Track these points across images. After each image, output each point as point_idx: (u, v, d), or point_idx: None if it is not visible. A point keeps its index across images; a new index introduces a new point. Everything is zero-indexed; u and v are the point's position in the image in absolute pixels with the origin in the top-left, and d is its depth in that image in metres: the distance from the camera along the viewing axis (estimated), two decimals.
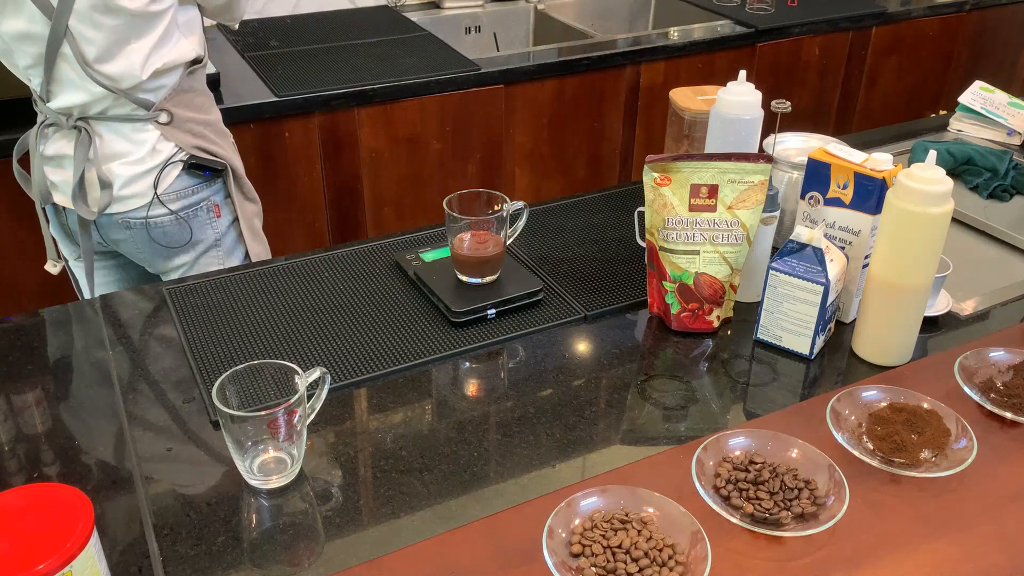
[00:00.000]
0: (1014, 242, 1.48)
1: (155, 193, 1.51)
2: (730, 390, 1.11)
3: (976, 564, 0.86)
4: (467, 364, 1.15)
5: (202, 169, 1.55)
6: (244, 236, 1.64)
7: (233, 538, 0.89)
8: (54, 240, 1.65)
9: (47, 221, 1.63)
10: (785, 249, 1.12)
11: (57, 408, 1.06)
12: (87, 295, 1.65)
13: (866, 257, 1.16)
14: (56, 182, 1.55)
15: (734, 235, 1.16)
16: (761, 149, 1.31)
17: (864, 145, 1.71)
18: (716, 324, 1.20)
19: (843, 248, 1.17)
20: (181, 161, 1.52)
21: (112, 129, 1.49)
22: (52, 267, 1.66)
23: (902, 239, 1.06)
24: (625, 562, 0.82)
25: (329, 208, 2.15)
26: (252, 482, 0.95)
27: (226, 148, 1.61)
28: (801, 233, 1.11)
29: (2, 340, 1.18)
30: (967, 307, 1.28)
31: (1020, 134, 1.80)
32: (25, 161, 1.59)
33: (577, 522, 0.86)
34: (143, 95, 1.46)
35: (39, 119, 1.52)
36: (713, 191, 1.15)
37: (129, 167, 1.50)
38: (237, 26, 1.75)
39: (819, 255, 1.10)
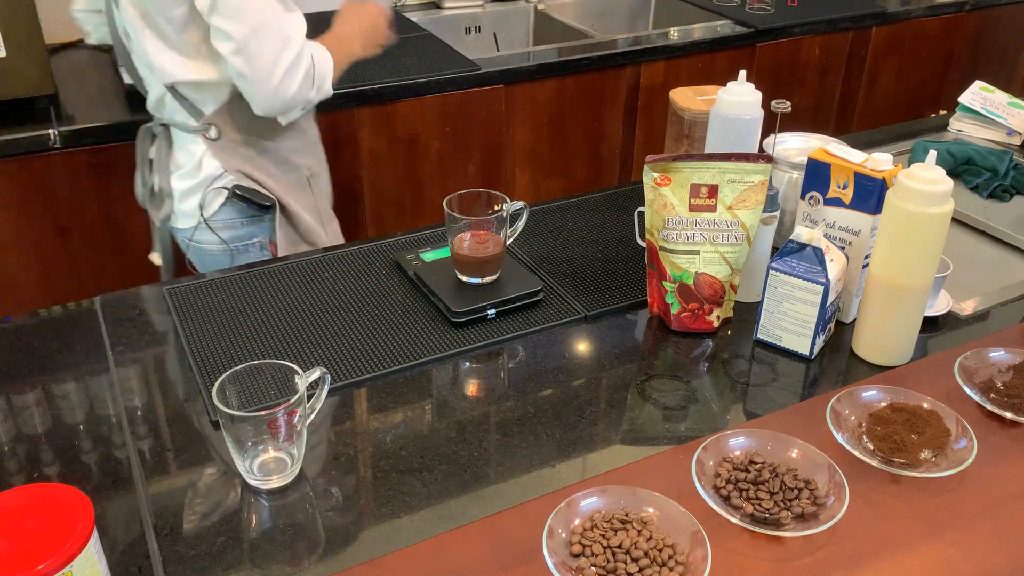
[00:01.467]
0: (1014, 242, 1.48)
1: (201, 214, 1.50)
2: (730, 390, 1.11)
3: (976, 564, 0.86)
4: (467, 364, 1.15)
5: (246, 201, 1.50)
6: None
7: (233, 538, 0.89)
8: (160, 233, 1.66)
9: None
10: (785, 249, 1.12)
11: (57, 408, 1.06)
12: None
13: (866, 257, 1.16)
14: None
15: (734, 235, 1.16)
16: (761, 149, 1.31)
17: (864, 145, 1.70)
18: (716, 324, 1.20)
19: (843, 248, 1.17)
20: (224, 189, 1.49)
21: (178, 137, 1.53)
22: (156, 259, 1.69)
23: (902, 239, 1.06)
24: (625, 562, 0.82)
25: None
26: (252, 482, 0.94)
27: (282, 181, 1.52)
28: (801, 233, 1.11)
29: (2, 340, 1.18)
30: (967, 307, 1.28)
31: (1020, 134, 1.80)
32: None
33: (577, 522, 0.86)
34: (193, 102, 1.46)
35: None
36: (713, 191, 1.15)
37: (180, 180, 1.53)
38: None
39: (819, 255, 1.10)
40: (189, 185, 1.52)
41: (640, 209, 1.22)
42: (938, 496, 0.94)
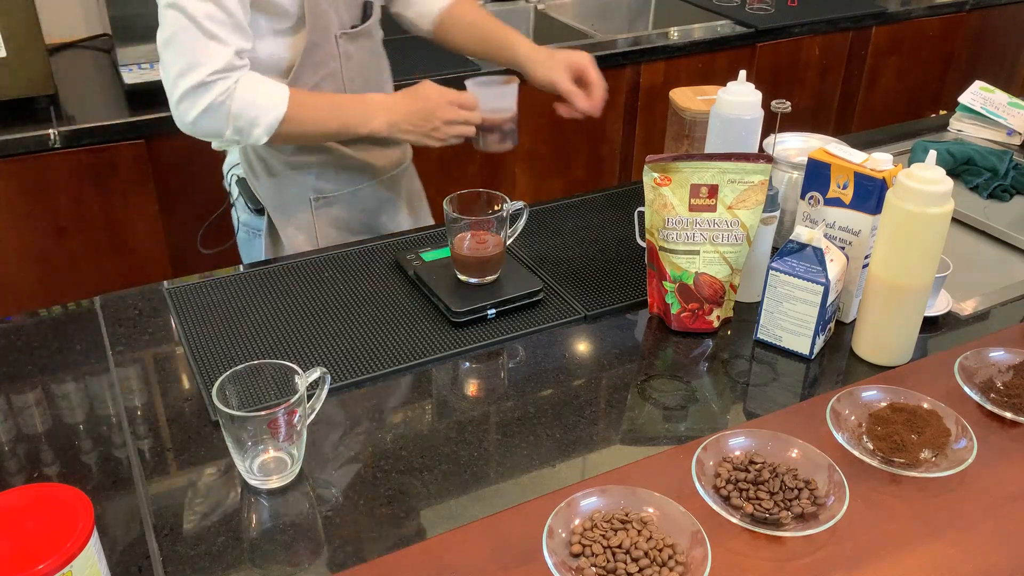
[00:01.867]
0: (1014, 242, 1.48)
1: (227, 191, 1.55)
2: (730, 390, 1.11)
3: (976, 564, 0.86)
4: (467, 364, 1.15)
5: (248, 197, 1.51)
6: None
7: (233, 538, 0.89)
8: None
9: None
10: (785, 249, 1.12)
11: (57, 408, 1.06)
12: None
13: (866, 257, 1.16)
14: None
15: (734, 235, 1.16)
16: (761, 149, 1.31)
17: (864, 145, 1.70)
18: (716, 324, 1.20)
19: (843, 248, 1.17)
20: (235, 176, 1.52)
21: None
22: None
23: (902, 239, 1.06)
24: (625, 562, 0.82)
25: None
26: (252, 482, 0.94)
27: (275, 194, 1.47)
28: (801, 233, 1.11)
29: (2, 340, 1.18)
30: (967, 307, 1.28)
31: (1020, 134, 1.80)
32: None
33: (577, 522, 0.86)
34: None
35: None
36: (713, 191, 1.15)
37: (227, 156, 1.57)
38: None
39: (819, 255, 1.10)
40: (226, 163, 1.57)
41: (640, 209, 1.22)
42: (938, 496, 0.94)
